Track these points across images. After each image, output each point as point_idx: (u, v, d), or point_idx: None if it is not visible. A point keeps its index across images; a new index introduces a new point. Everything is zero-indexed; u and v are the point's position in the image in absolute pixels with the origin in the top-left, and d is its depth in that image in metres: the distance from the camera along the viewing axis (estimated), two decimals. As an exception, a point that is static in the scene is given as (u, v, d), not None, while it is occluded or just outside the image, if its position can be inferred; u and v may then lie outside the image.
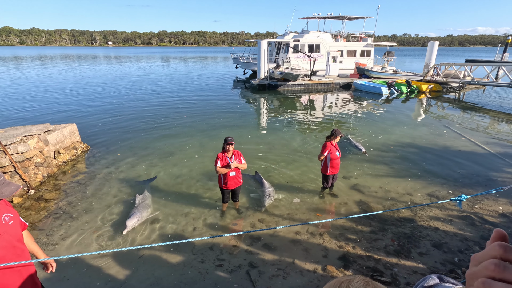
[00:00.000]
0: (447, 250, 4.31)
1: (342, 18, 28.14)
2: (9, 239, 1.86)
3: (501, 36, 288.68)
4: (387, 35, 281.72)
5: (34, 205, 5.50)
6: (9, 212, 1.93)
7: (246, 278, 3.78)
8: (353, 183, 6.43)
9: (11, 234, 1.89)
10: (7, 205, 1.91)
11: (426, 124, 11.62)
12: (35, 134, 6.75)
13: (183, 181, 6.53)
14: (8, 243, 1.83)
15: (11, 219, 1.92)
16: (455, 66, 19.21)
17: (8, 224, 1.87)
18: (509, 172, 7.06)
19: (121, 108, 14.11)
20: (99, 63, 48.93)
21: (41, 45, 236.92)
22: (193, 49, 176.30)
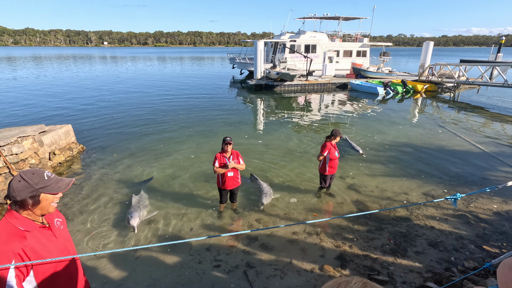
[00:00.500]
0: (442, 248, 4.34)
1: (338, 19, 28.25)
2: (64, 243, 1.87)
3: (495, 36, 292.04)
4: (383, 36, 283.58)
5: (29, 206, 5.44)
6: (59, 217, 1.95)
7: (244, 279, 3.78)
8: (350, 183, 6.46)
9: (65, 238, 1.91)
10: (56, 210, 1.90)
11: (421, 124, 11.71)
12: (30, 135, 6.69)
13: (179, 182, 6.51)
14: (64, 247, 1.84)
15: (62, 224, 1.94)
16: (449, 66, 19.39)
17: (60, 228, 1.89)
18: (503, 170, 7.15)
19: (117, 108, 14.03)
20: (94, 63, 48.61)
21: (36, 46, 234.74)
22: (189, 50, 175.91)
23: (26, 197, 1.59)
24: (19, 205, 1.61)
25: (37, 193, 1.61)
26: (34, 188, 1.60)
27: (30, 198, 1.60)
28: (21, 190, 1.58)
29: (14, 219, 1.61)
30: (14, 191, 1.57)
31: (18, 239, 1.57)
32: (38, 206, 1.64)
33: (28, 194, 1.59)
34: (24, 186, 1.58)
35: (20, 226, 1.61)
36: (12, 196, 1.58)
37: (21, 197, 1.58)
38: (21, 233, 1.60)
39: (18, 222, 1.61)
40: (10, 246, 1.53)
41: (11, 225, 1.59)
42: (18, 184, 1.58)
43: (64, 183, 1.74)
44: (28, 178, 1.60)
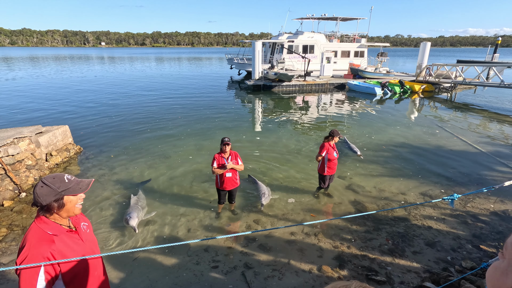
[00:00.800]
0: (440, 248, 4.36)
1: (336, 19, 28.32)
2: (91, 246, 1.91)
3: (491, 37, 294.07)
4: (380, 36, 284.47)
5: (26, 208, 5.41)
6: (85, 221, 1.99)
7: (242, 279, 3.77)
8: (348, 183, 6.46)
9: (92, 241, 1.96)
10: (82, 214, 1.95)
11: (419, 124, 11.76)
12: (26, 136, 6.65)
13: (177, 183, 6.49)
14: (91, 250, 1.89)
15: (88, 227, 1.98)
16: (447, 67, 19.49)
17: (86, 232, 1.93)
18: (500, 170, 7.18)
19: (115, 109, 13.98)
20: (92, 64, 48.44)
21: (33, 46, 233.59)
22: (187, 50, 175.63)
23: (51, 201, 1.65)
24: (45, 210, 1.67)
25: (60, 196, 1.67)
26: (57, 192, 1.66)
27: (55, 201, 1.66)
28: (45, 195, 1.64)
29: (43, 224, 1.67)
30: (39, 196, 1.63)
31: (47, 243, 1.62)
32: (63, 208, 1.71)
33: (52, 198, 1.65)
34: (48, 191, 1.64)
35: (49, 230, 1.67)
36: (38, 202, 1.64)
37: (46, 201, 1.64)
38: (50, 237, 1.65)
39: (47, 226, 1.67)
40: (39, 250, 1.58)
41: (40, 230, 1.65)
42: (42, 190, 1.64)
43: (84, 184, 1.80)
44: (49, 183, 1.66)
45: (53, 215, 1.70)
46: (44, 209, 1.67)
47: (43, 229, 1.65)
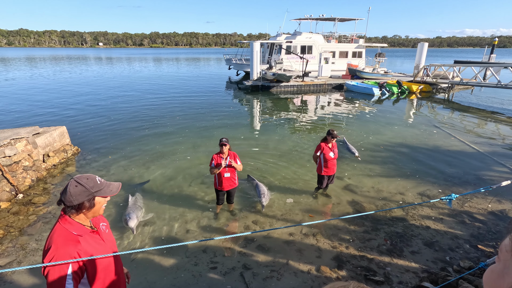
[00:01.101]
0: (438, 248, 4.37)
1: (333, 20, 28.37)
2: (111, 246, 1.93)
3: (488, 37, 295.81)
4: (378, 37, 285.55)
5: (23, 209, 5.37)
6: (103, 221, 2.00)
7: (240, 280, 3.76)
8: (346, 183, 6.47)
9: (111, 241, 1.97)
10: (100, 215, 1.95)
11: (416, 124, 11.80)
12: (23, 137, 6.61)
13: (176, 183, 6.47)
14: (111, 250, 1.90)
15: (106, 227, 2.00)
16: (444, 67, 19.58)
17: (105, 232, 1.94)
18: (498, 170, 7.22)
19: (113, 110, 13.94)
20: (89, 64, 48.28)
21: (30, 46, 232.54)
22: (185, 50, 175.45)
23: (84, 200, 1.67)
24: (75, 209, 1.68)
25: (92, 197, 1.70)
26: (90, 192, 1.69)
27: (87, 201, 1.69)
28: (79, 194, 1.65)
29: (68, 224, 1.68)
30: (72, 195, 1.64)
31: (73, 243, 1.64)
32: (92, 209, 1.73)
33: (85, 198, 1.67)
34: (81, 191, 1.66)
35: (74, 230, 1.68)
36: (69, 200, 1.65)
37: (79, 201, 1.66)
38: (75, 237, 1.67)
39: (72, 227, 1.68)
40: (67, 250, 1.60)
41: (65, 230, 1.66)
42: (76, 189, 1.65)
43: (114, 187, 1.83)
44: (84, 183, 1.68)
45: (79, 215, 1.72)
46: (74, 208, 1.67)
47: (68, 229, 1.67)
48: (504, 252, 0.68)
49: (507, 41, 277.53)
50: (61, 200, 1.67)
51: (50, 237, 1.65)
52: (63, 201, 1.66)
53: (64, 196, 1.65)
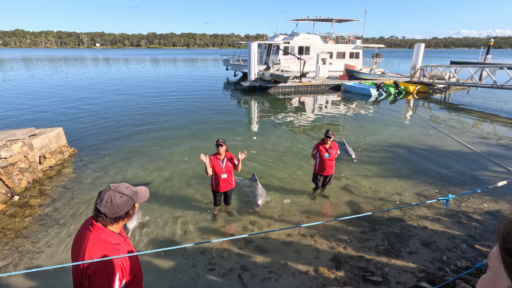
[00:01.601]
0: (435, 248, 4.39)
1: (331, 21, 28.46)
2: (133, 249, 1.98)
3: (483, 38, 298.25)
4: (375, 37, 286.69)
5: (19, 212, 5.33)
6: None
7: (238, 282, 3.76)
8: (344, 184, 6.49)
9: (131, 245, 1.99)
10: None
11: (413, 125, 11.85)
12: (19, 138, 6.57)
13: (173, 185, 6.45)
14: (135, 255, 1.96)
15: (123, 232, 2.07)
16: (440, 68, 19.71)
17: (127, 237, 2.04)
18: (494, 170, 7.27)
19: (110, 111, 13.87)
20: (86, 65, 48.07)
21: (26, 47, 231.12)
22: (183, 51, 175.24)
23: (129, 209, 1.70)
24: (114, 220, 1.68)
25: (133, 204, 1.74)
26: (133, 200, 1.72)
27: (131, 210, 1.73)
28: (124, 204, 1.67)
29: (105, 235, 1.67)
30: (119, 206, 1.65)
31: (116, 253, 1.66)
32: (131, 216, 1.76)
33: (129, 207, 1.70)
34: (126, 201, 1.68)
35: (112, 240, 1.68)
36: (115, 212, 1.64)
37: (124, 211, 1.68)
38: (115, 247, 1.68)
39: (109, 237, 1.68)
40: (114, 260, 1.62)
41: (105, 241, 1.66)
42: (121, 200, 1.66)
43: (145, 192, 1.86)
44: (127, 193, 1.70)
45: (117, 225, 1.72)
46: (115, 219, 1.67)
47: (106, 240, 1.66)
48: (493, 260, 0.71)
49: (502, 42, 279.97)
50: (100, 212, 1.63)
51: (89, 248, 1.62)
52: (105, 213, 1.63)
53: (110, 208, 1.63)
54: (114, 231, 1.72)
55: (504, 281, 0.66)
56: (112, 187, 1.70)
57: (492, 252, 0.72)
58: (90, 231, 1.66)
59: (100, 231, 1.66)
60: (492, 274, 0.71)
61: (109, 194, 1.65)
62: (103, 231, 1.67)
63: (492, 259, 0.71)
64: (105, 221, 1.67)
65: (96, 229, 1.66)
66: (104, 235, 1.66)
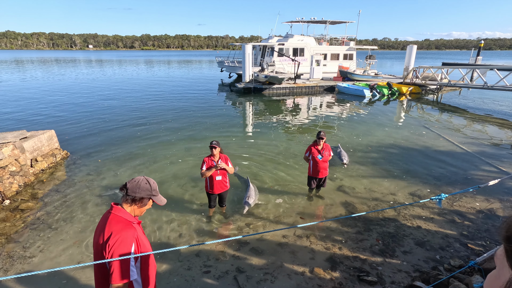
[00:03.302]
0: (429, 247, 4.43)
1: (325, 23, 28.68)
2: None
3: (474, 40, 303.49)
4: (369, 39, 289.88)
5: (9, 216, 5.23)
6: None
7: (234, 284, 3.74)
8: (338, 185, 6.52)
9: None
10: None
11: (406, 125, 11.99)
12: (10, 141, 6.46)
13: (167, 187, 6.40)
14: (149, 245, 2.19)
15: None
16: (432, 69, 19.98)
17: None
18: (485, 170, 7.38)
19: (103, 113, 13.73)
20: (79, 67, 47.56)
21: (17, 49, 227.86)
22: (177, 53, 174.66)
23: (144, 196, 1.95)
24: (131, 200, 1.94)
25: (150, 197, 1.99)
26: (151, 193, 1.98)
27: (146, 199, 1.98)
28: (144, 190, 1.94)
29: (121, 213, 1.92)
30: (140, 188, 1.92)
31: (131, 227, 1.89)
32: (143, 208, 2.01)
33: (145, 195, 1.95)
34: (147, 188, 1.95)
35: (127, 218, 1.92)
36: (134, 191, 1.91)
37: (141, 195, 1.93)
38: (130, 223, 1.92)
39: (125, 215, 1.92)
40: (130, 232, 1.84)
41: (120, 218, 1.89)
42: (145, 185, 1.94)
43: (162, 199, 2.13)
44: (151, 183, 2.00)
45: (131, 207, 1.96)
46: (132, 199, 1.93)
47: (122, 217, 1.90)
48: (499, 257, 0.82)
49: (492, 44, 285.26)
50: (125, 187, 1.92)
51: (108, 225, 1.84)
52: (127, 188, 1.91)
53: (133, 184, 1.91)
54: (129, 212, 1.97)
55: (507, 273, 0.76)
56: (145, 176, 2.02)
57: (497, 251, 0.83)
58: (109, 213, 1.92)
59: (118, 210, 1.92)
60: (497, 270, 0.82)
61: (140, 177, 1.98)
62: (120, 211, 1.92)
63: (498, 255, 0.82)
64: (124, 197, 1.94)
65: (114, 209, 1.92)
66: (121, 213, 1.91)
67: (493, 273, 0.85)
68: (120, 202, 1.97)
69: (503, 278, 0.77)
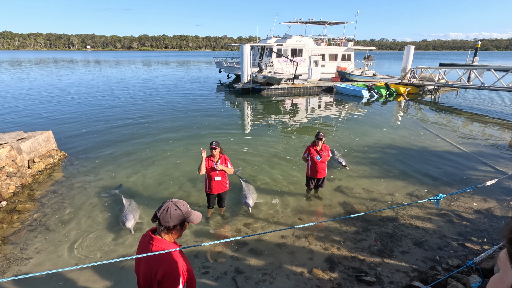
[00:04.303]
0: (427, 247, 4.44)
1: (323, 23, 28.74)
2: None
3: (471, 41, 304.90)
4: (366, 40, 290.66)
5: (6, 217, 5.20)
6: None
7: (233, 285, 3.73)
8: (337, 185, 6.53)
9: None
10: None
11: (404, 126, 12.03)
12: (7, 142, 6.42)
13: (166, 187, 6.39)
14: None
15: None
16: (430, 70, 20.07)
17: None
18: (483, 170, 7.42)
19: (100, 113, 13.69)
20: (77, 67, 47.39)
21: (14, 49, 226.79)
22: (175, 53, 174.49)
23: (177, 223, 1.87)
24: (167, 230, 1.87)
25: (184, 221, 1.91)
26: (184, 217, 1.89)
27: (179, 225, 1.89)
28: (175, 217, 1.85)
29: (164, 244, 1.86)
30: (171, 217, 1.83)
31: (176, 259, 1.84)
32: (180, 232, 1.94)
33: (178, 221, 1.87)
34: (178, 214, 1.86)
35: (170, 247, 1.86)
36: (166, 220, 1.83)
37: (174, 223, 1.85)
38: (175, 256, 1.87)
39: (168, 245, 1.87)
40: (179, 267, 1.82)
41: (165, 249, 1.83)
42: (175, 212, 1.85)
43: (198, 216, 2.01)
44: (181, 208, 1.88)
45: (168, 235, 1.90)
46: (167, 229, 1.86)
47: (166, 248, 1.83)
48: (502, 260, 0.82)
49: (489, 44, 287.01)
50: (157, 217, 1.84)
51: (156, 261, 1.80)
52: (159, 219, 1.83)
53: (164, 215, 1.83)
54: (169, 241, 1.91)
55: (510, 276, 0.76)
56: (173, 200, 1.92)
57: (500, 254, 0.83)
58: (150, 244, 1.86)
59: (159, 242, 1.85)
60: (501, 273, 0.83)
61: (168, 204, 1.87)
62: (162, 242, 1.86)
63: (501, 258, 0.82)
64: (159, 228, 1.87)
65: (155, 241, 1.86)
66: (163, 245, 1.85)
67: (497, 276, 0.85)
68: (157, 231, 1.91)
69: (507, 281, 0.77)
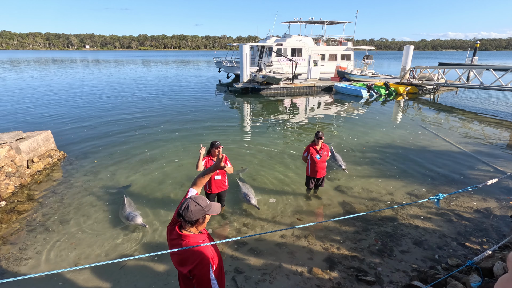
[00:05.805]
0: (427, 247, 4.44)
1: (322, 23, 28.71)
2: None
3: (470, 40, 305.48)
4: (366, 39, 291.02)
5: (5, 217, 5.18)
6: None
7: (232, 285, 3.73)
8: (336, 185, 6.52)
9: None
10: None
11: (404, 125, 12.03)
12: (6, 142, 6.40)
13: (165, 187, 6.38)
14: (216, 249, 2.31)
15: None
16: (429, 69, 20.09)
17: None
18: (482, 169, 7.42)
19: (100, 113, 13.66)
20: (75, 67, 47.30)
21: (13, 49, 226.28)
22: (174, 53, 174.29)
23: (199, 217, 2.05)
24: (191, 224, 2.05)
25: (205, 214, 2.08)
26: (204, 211, 2.06)
27: (201, 218, 2.07)
28: (197, 212, 2.03)
29: (192, 238, 2.05)
30: (192, 213, 2.01)
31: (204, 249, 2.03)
32: (203, 224, 2.12)
33: (200, 215, 2.05)
34: (199, 209, 2.03)
35: (197, 240, 2.06)
36: (189, 216, 2.02)
37: (196, 217, 2.03)
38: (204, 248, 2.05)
39: (196, 238, 2.07)
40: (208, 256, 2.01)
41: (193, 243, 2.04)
42: (195, 208, 2.03)
43: (217, 207, 2.17)
44: (200, 203, 2.06)
45: (192, 228, 2.08)
46: (191, 223, 2.04)
47: (194, 241, 2.03)
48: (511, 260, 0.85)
49: (488, 44, 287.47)
50: (180, 215, 2.03)
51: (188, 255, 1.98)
52: (183, 216, 2.02)
53: (186, 212, 2.01)
54: (195, 233, 2.10)
55: None
56: (192, 197, 2.09)
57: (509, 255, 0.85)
58: (182, 240, 2.04)
59: (187, 237, 2.04)
60: (509, 273, 0.83)
61: (188, 201, 2.05)
62: (190, 237, 2.05)
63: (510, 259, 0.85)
64: (184, 223, 2.05)
65: (184, 237, 2.04)
66: (191, 238, 2.04)
67: (505, 276, 0.85)
68: (183, 226, 2.09)
69: None
